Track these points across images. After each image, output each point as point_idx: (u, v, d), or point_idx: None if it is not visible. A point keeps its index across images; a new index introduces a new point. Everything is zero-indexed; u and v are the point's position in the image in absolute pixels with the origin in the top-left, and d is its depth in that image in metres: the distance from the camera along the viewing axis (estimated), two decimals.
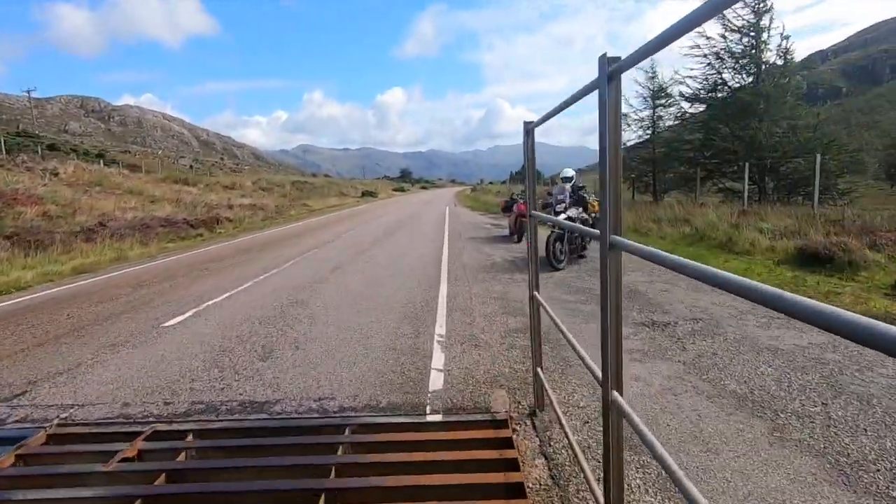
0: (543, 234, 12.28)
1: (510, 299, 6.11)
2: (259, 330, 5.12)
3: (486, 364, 4.00)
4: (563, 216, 8.01)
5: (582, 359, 2.03)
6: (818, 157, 11.36)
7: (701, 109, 17.87)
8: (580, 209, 8.32)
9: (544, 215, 3.44)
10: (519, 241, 11.76)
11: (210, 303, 6.40)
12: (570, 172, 8.61)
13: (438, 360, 4.10)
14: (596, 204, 8.51)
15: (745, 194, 13.96)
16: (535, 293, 3.17)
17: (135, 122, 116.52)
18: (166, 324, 5.46)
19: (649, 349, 4.18)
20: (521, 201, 12.03)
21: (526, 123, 2.94)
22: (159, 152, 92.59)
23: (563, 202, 8.14)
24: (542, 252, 9.00)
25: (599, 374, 1.53)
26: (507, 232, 13.63)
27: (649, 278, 7.07)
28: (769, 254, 7.93)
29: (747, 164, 13.89)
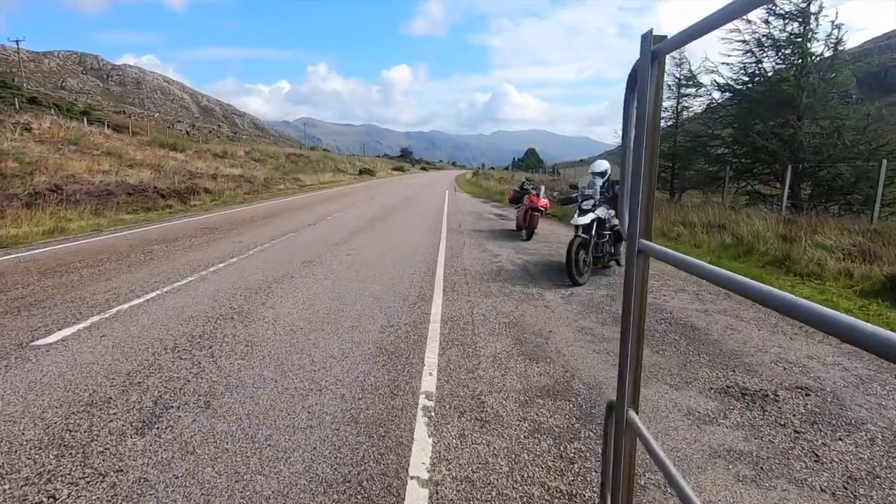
0: (553, 230, 10.81)
1: (526, 328, 4.53)
2: (166, 363, 3.51)
3: (501, 470, 2.43)
4: (589, 216, 6.40)
5: None
6: (884, 162, 9.75)
7: (734, 101, 16.12)
8: (611, 210, 6.72)
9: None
10: (528, 238, 10.15)
11: (123, 307, 4.78)
12: (604, 165, 6.98)
13: (421, 454, 2.52)
14: None
15: (785, 201, 12.38)
16: (630, 412, 1.56)
17: (134, 83, 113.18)
18: (40, 342, 3.85)
19: (760, 454, 2.62)
20: (534, 192, 10.38)
21: (653, 39, 1.31)
22: (156, 115, 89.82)
23: (592, 199, 6.52)
24: (553, 255, 7.58)
25: None
26: (513, 225, 12.01)
27: (701, 304, 5.50)
28: (845, 280, 6.37)
29: (790, 167, 12.29)
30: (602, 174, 6.81)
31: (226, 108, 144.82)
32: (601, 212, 6.48)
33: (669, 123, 19.83)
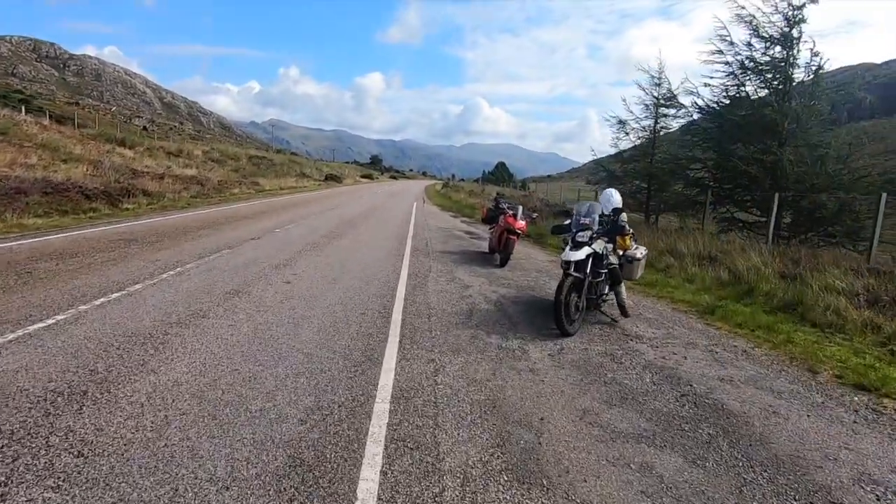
0: (530, 255, 9.62)
1: (509, 413, 3.27)
2: None
3: None
4: (584, 251, 5.24)
5: None
6: (884, 196, 9.09)
7: (714, 124, 15.58)
8: (609, 244, 5.60)
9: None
10: (503, 264, 8.97)
11: None
12: (616, 197, 5.93)
13: None
14: (628, 239, 5.81)
15: (771, 231, 11.70)
16: None
17: (93, 75, 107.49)
18: None
19: None
20: (511, 212, 9.24)
21: None
22: (113, 108, 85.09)
23: (589, 229, 5.37)
24: (533, 287, 6.32)
25: None
26: (485, 246, 10.85)
27: (721, 368, 4.39)
28: (872, 335, 5.44)
29: (777, 195, 11.65)
30: (618, 210, 5.85)
31: (191, 106, 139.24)
32: (598, 245, 5.34)
33: (644, 142, 19.28)
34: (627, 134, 19.57)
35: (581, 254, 5.15)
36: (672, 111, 17.77)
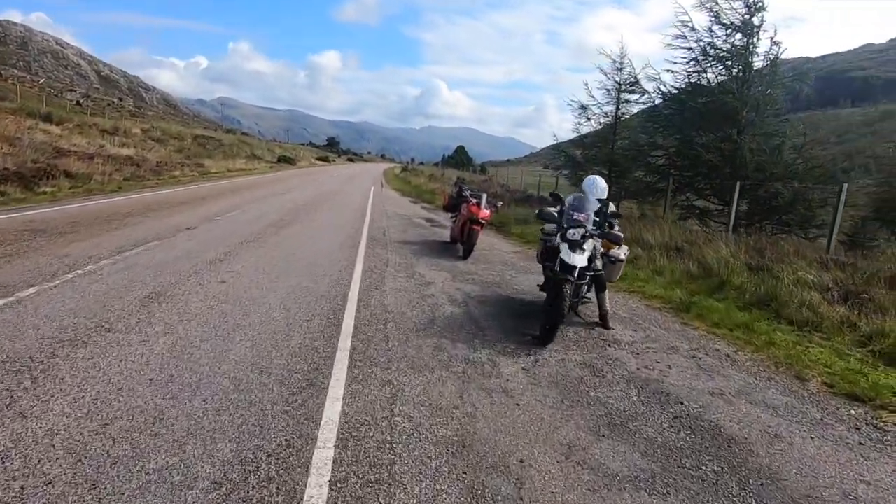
0: (494, 246, 8.99)
1: (481, 453, 2.69)
2: None
3: None
4: (585, 254, 4.65)
5: None
6: (845, 186, 9.09)
7: (676, 111, 15.46)
8: (598, 242, 5.07)
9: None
10: (466, 255, 8.39)
11: None
12: (601, 184, 5.34)
13: None
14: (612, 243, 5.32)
15: (732, 219, 11.67)
16: None
17: (18, 43, 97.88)
18: None
19: None
20: (474, 201, 8.63)
21: None
22: (41, 81, 77.91)
23: (583, 227, 4.75)
24: (499, 283, 5.61)
25: None
26: (447, 235, 10.24)
27: (709, 379, 3.99)
28: (851, 334, 5.22)
29: (738, 184, 11.61)
30: (602, 200, 5.19)
31: (131, 81, 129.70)
32: (589, 245, 4.78)
33: (606, 128, 19.11)
34: (589, 119, 19.33)
35: (583, 258, 4.58)
36: (634, 97, 17.60)
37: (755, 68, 14.29)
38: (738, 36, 14.22)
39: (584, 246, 4.61)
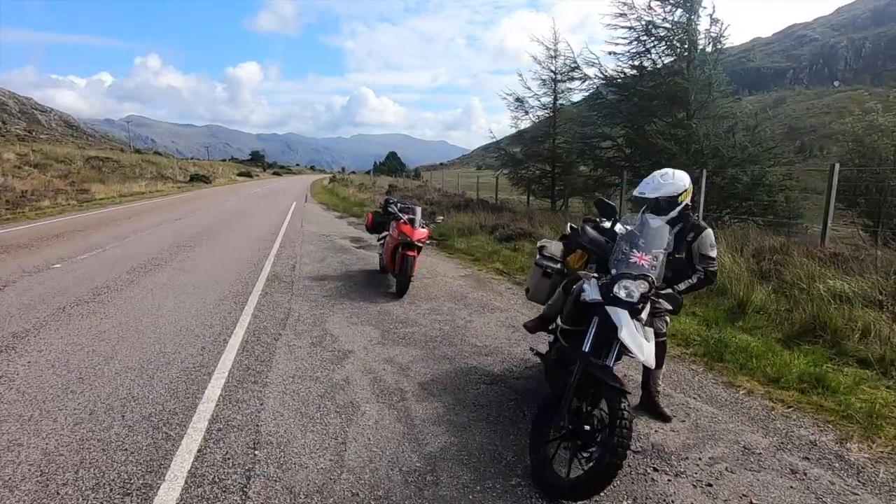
0: (437, 272, 6.94)
1: None
2: None
3: None
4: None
5: None
6: (836, 166, 7.81)
7: (622, 97, 14.12)
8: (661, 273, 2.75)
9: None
10: (401, 292, 6.23)
11: None
12: (679, 183, 3.08)
13: None
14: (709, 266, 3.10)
15: (701, 213, 10.29)
16: None
17: None
18: None
19: None
20: (405, 218, 6.48)
21: None
22: None
23: (646, 277, 2.54)
24: (453, 340, 3.42)
25: None
26: (376, 261, 8.03)
27: None
28: None
29: (704, 172, 10.25)
30: (673, 197, 3.03)
31: (23, 103, 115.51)
32: (655, 272, 2.60)
33: (545, 121, 17.63)
34: (527, 113, 17.80)
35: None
36: (575, 84, 16.18)
37: (700, 46, 13.25)
38: (679, 12, 13.12)
39: (643, 315, 2.57)
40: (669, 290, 2.69)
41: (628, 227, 2.80)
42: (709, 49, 13.24)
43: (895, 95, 27.27)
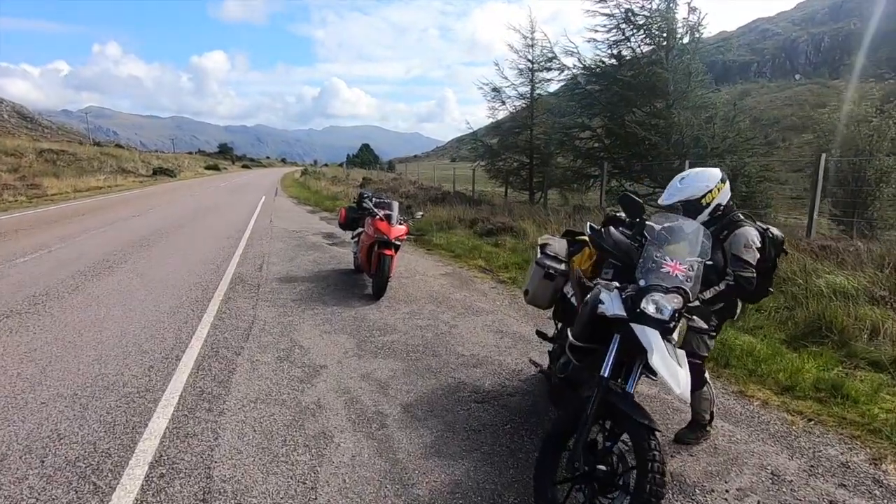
0: (415, 270, 6.55)
1: None
2: None
3: None
4: (671, 306, 2.09)
5: None
6: (823, 157, 7.65)
7: (602, 86, 13.84)
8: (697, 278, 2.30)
9: None
10: (378, 294, 5.75)
11: None
12: (706, 180, 2.59)
13: None
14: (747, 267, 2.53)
15: None
16: None
17: None
18: None
19: None
20: (380, 214, 5.99)
21: None
22: None
23: (681, 292, 2.15)
24: (438, 350, 3.28)
25: None
26: (350, 260, 7.52)
27: None
28: None
29: (687, 162, 10.05)
30: (699, 200, 2.56)
31: None
32: (690, 284, 2.20)
33: (523, 111, 17.27)
34: (504, 103, 17.40)
35: (671, 364, 2.03)
36: (552, 74, 15.84)
37: (678, 34, 13.06)
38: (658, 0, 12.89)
39: (674, 335, 2.17)
40: (696, 302, 2.30)
41: (659, 229, 2.39)
42: (686, 39, 13.08)
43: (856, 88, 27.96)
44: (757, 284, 2.55)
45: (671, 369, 1.99)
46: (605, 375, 2.14)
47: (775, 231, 2.69)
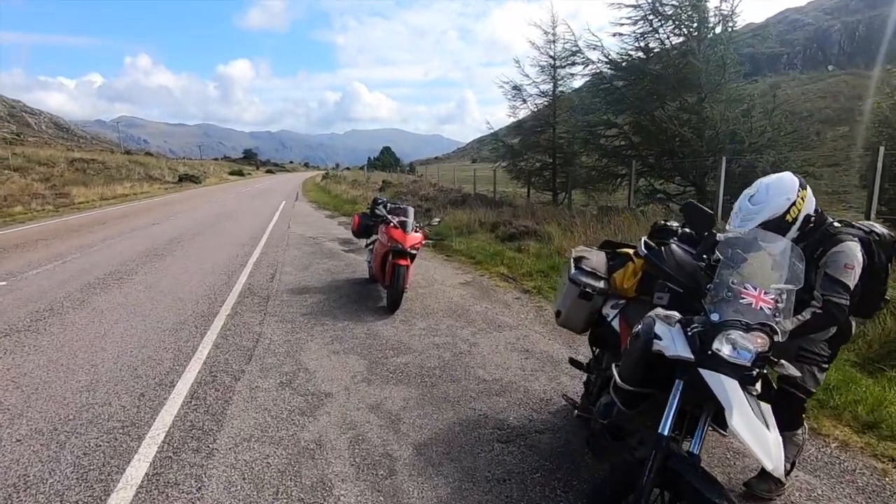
0: (433, 279, 6.10)
1: None
2: None
3: None
4: (753, 344, 1.61)
5: None
6: (881, 150, 6.94)
7: (629, 80, 13.18)
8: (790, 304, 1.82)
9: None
10: (392, 307, 5.36)
11: None
12: (785, 191, 2.06)
13: None
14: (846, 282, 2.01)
15: (721, 207, 9.42)
16: None
17: None
18: None
19: None
20: (395, 220, 5.59)
21: None
22: None
23: (767, 330, 1.64)
24: (459, 380, 2.82)
25: None
26: (366, 268, 7.15)
27: None
28: None
29: (724, 159, 9.40)
30: (776, 223, 2.03)
31: (12, 105, 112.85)
32: (778, 319, 1.72)
33: (545, 109, 16.71)
34: (525, 101, 16.88)
35: (757, 427, 1.55)
36: (576, 69, 15.22)
37: (711, 23, 12.33)
38: None
39: (758, 385, 1.69)
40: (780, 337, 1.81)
41: (736, 247, 1.90)
42: (718, 29, 12.34)
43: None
44: (868, 296, 2.06)
45: (757, 433, 1.52)
46: (665, 434, 1.67)
47: (880, 229, 2.16)
